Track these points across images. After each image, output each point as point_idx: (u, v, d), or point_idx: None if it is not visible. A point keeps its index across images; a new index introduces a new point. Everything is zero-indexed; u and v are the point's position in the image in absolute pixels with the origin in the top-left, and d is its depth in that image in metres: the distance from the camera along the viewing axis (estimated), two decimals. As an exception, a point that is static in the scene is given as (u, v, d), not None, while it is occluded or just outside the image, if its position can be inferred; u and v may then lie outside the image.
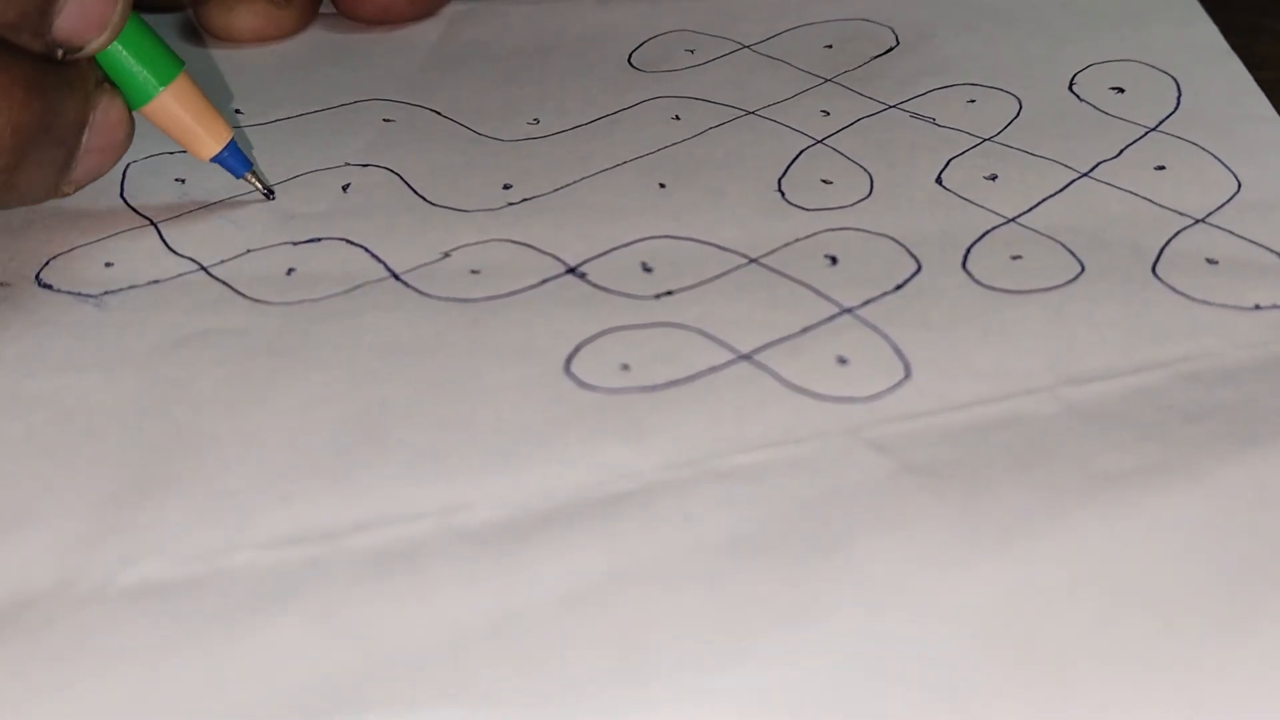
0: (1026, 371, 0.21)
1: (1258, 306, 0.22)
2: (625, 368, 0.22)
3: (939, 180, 0.26)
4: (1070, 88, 0.29)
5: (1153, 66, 0.29)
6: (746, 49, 0.31)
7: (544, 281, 0.24)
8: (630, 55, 0.31)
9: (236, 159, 0.26)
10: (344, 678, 0.17)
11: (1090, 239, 0.24)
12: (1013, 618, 0.17)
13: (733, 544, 0.19)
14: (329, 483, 0.20)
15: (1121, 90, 0.28)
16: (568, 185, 0.26)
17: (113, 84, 0.25)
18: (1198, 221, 0.24)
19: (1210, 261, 0.23)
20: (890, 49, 0.31)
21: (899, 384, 0.21)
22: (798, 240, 0.24)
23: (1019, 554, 0.18)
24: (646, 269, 0.24)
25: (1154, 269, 0.23)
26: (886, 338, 0.22)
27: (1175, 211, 0.24)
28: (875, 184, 0.26)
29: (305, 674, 0.17)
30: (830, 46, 0.31)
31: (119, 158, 0.25)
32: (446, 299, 0.23)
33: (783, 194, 0.26)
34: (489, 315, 0.23)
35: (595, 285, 0.23)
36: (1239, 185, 0.25)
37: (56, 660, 0.17)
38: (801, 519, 0.19)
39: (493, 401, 0.21)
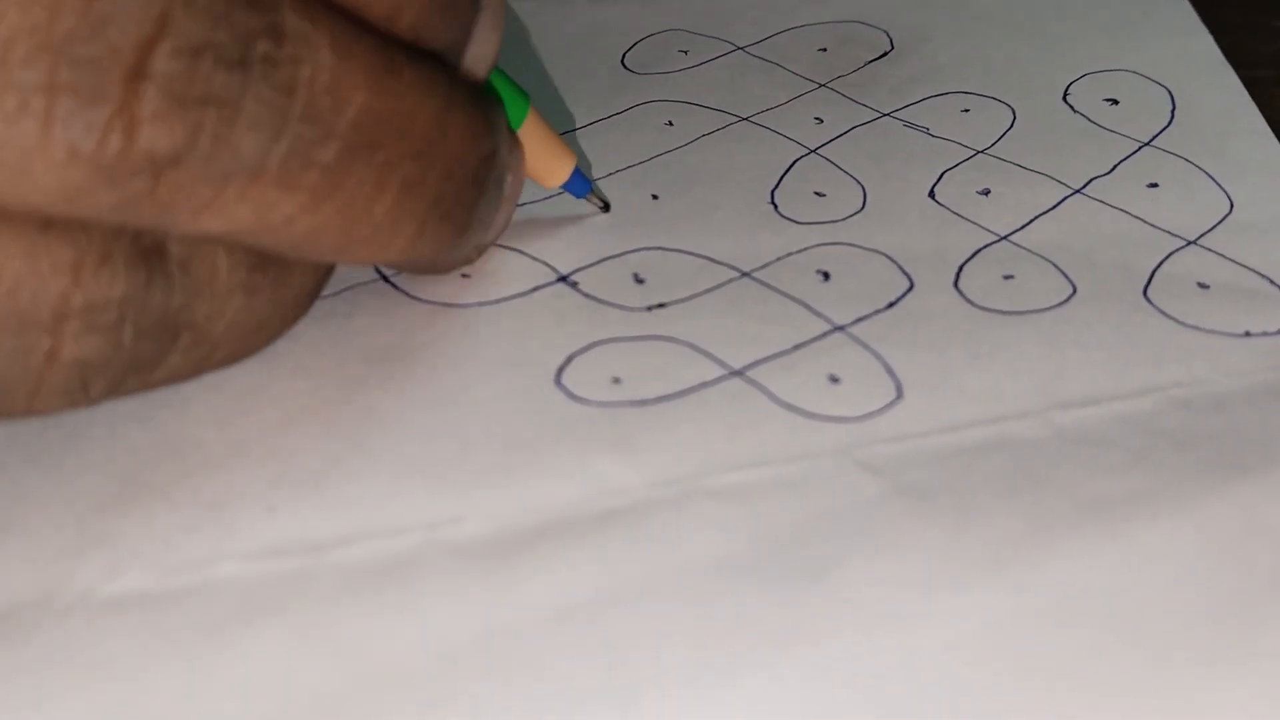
0: (1017, 395, 0.21)
1: (1248, 333, 0.22)
2: (616, 381, 0.21)
3: (932, 194, 0.26)
4: (1064, 98, 0.29)
5: (1147, 77, 0.29)
6: (740, 50, 0.31)
7: (535, 289, 0.24)
8: (623, 56, 0.31)
9: (579, 181, 0.25)
10: (329, 690, 0.17)
11: (1082, 259, 0.24)
12: (1002, 643, 0.17)
13: (723, 563, 0.19)
14: (316, 494, 0.20)
15: (1116, 102, 0.28)
16: (559, 193, 0.26)
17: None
18: (1189, 244, 0.24)
19: (1201, 286, 0.23)
20: (885, 53, 0.31)
21: (890, 404, 0.21)
22: (790, 254, 0.24)
23: (1009, 579, 0.18)
24: (638, 280, 0.24)
25: (1145, 292, 0.23)
26: (878, 357, 0.22)
27: (1167, 232, 0.24)
28: (868, 197, 0.26)
29: (290, 686, 0.17)
30: (824, 50, 0.31)
31: (513, 212, 0.23)
32: (435, 303, 0.23)
33: (775, 207, 0.26)
34: (479, 322, 0.23)
35: (587, 295, 0.23)
36: (1231, 206, 0.25)
37: (39, 670, 0.17)
38: (792, 539, 0.19)
39: (482, 412, 0.21)
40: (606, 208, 0.26)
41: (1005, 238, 0.24)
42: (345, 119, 0.17)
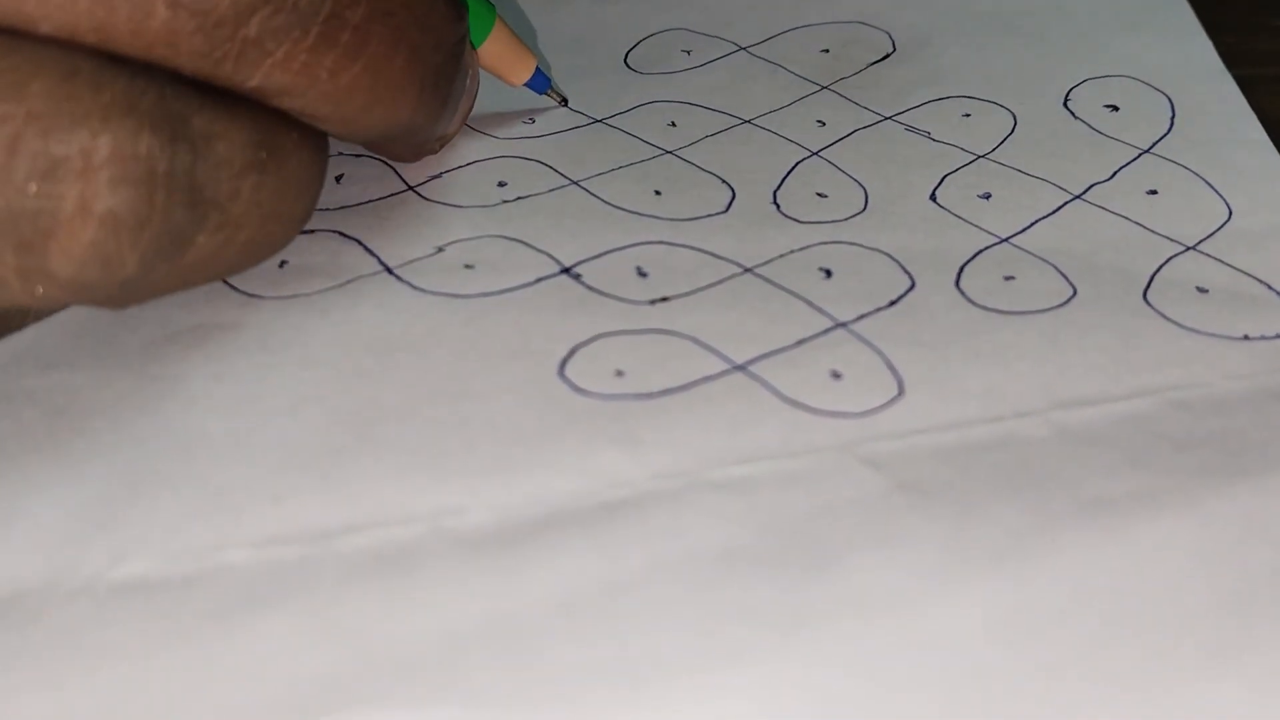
0: (1018, 394, 0.21)
1: (1246, 337, 0.22)
2: (619, 374, 0.22)
3: (933, 197, 0.26)
4: (1065, 103, 0.29)
5: (1147, 84, 0.29)
6: (743, 51, 0.31)
7: (538, 280, 0.24)
8: (626, 55, 0.31)
9: (540, 78, 0.28)
10: (334, 676, 0.17)
11: (1082, 262, 0.24)
12: (1003, 639, 0.17)
13: (725, 555, 0.19)
14: (321, 482, 0.20)
15: (1116, 108, 0.28)
16: (563, 187, 0.26)
17: None
18: (1188, 249, 0.24)
19: (1200, 290, 0.23)
20: (887, 55, 0.31)
21: (892, 401, 0.21)
22: (793, 252, 0.24)
23: (1010, 575, 0.18)
24: (641, 274, 0.24)
25: (1145, 295, 0.23)
26: (880, 353, 0.22)
27: (1166, 238, 0.25)
28: (870, 199, 0.26)
29: (295, 672, 0.17)
30: (827, 51, 0.31)
31: (471, 109, 0.26)
32: (439, 294, 0.23)
33: (778, 206, 0.26)
34: (482, 314, 0.23)
35: (590, 287, 0.23)
36: (1230, 213, 0.25)
37: (45, 656, 0.18)
38: (794, 533, 0.19)
39: (486, 404, 0.21)
40: (564, 102, 0.29)
41: (1006, 240, 0.25)
42: None
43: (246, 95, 0.20)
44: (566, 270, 0.24)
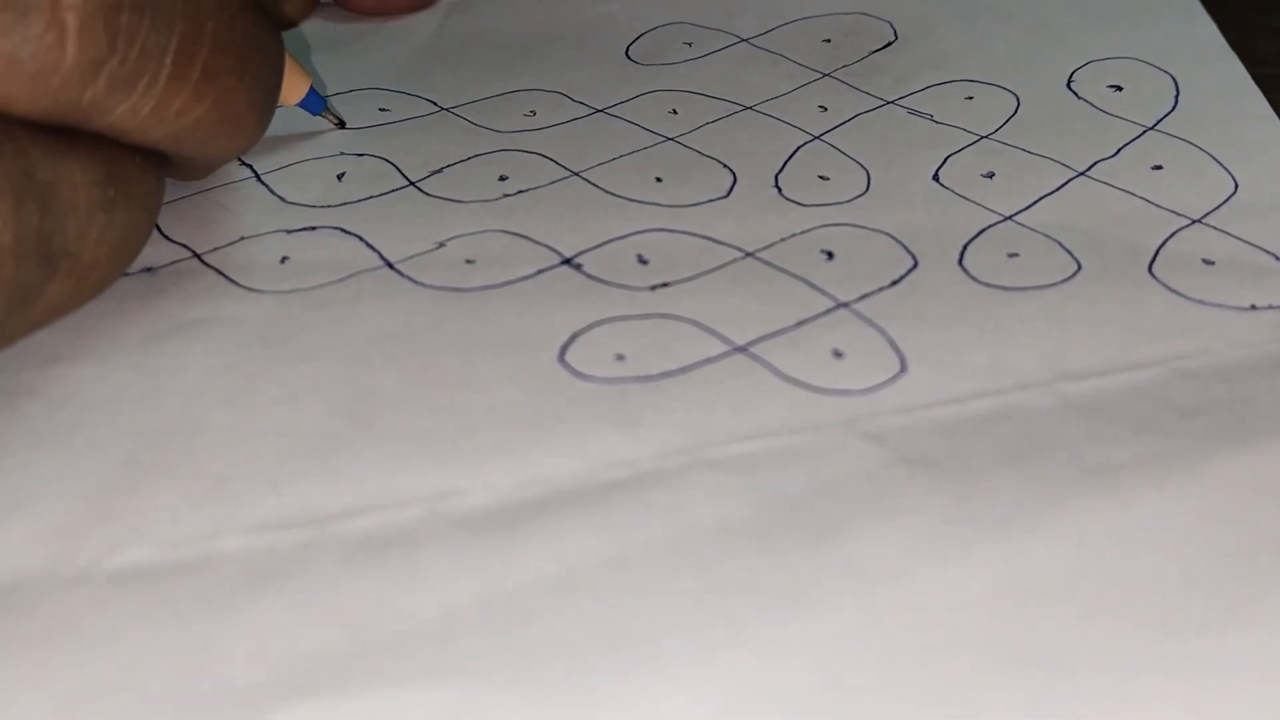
0: (1022, 367, 0.21)
1: (1254, 307, 0.22)
2: (620, 358, 0.21)
3: (936, 177, 0.26)
4: (1068, 85, 0.29)
5: (1151, 64, 0.29)
6: (745, 42, 0.31)
7: (539, 272, 0.24)
8: (628, 48, 0.31)
9: (314, 99, 0.28)
10: (333, 656, 0.17)
11: (1087, 238, 0.24)
12: (1006, 608, 0.17)
13: (726, 532, 0.18)
14: (319, 469, 0.20)
15: (1120, 88, 0.28)
16: (564, 179, 0.26)
17: None
18: (1194, 222, 0.24)
19: (1206, 262, 0.23)
20: (889, 44, 0.31)
21: (895, 377, 0.21)
22: (794, 235, 0.24)
23: (1014, 545, 0.18)
24: (642, 261, 0.24)
25: (1150, 268, 0.23)
26: (883, 332, 0.22)
27: (1172, 212, 0.24)
28: (872, 181, 0.26)
29: (293, 653, 0.17)
30: (829, 41, 0.31)
31: None
32: (440, 288, 0.23)
33: (780, 190, 0.26)
34: (483, 305, 0.23)
35: (590, 276, 0.23)
36: (1236, 186, 0.25)
37: (44, 644, 0.17)
38: (796, 508, 0.19)
39: (485, 390, 0.21)
40: (341, 124, 0.29)
41: (1009, 218, 0.24)
42: (208, 22, 0.21)
43: (88, 133, 0.20)
44: (567, 261, 0.24)
